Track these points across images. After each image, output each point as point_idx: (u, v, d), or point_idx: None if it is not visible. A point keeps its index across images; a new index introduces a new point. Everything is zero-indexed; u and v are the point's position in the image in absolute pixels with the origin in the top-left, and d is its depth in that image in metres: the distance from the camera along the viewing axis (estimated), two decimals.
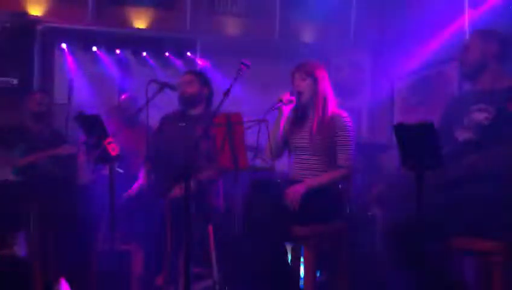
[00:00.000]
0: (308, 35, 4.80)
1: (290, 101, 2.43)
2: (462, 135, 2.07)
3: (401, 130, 1.68)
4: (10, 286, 2.94)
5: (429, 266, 1.86)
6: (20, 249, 3.14)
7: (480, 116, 2.04)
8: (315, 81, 2.44)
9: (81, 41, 4.47)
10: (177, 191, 2.10)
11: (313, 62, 2.52)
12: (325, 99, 2.44)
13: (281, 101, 2.40)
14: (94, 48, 4.52)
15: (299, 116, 2.53)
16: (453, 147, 2.07)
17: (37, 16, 4.22)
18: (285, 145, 2.56)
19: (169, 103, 2.94)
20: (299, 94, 2.45)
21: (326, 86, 2.47)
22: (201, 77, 2.95)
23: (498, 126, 1.98)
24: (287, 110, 2.46)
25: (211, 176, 2.63)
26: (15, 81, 2.85)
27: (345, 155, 2.40)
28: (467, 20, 3.24)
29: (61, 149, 3.26)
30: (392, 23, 4.04)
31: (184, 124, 2.81)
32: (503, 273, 1.81)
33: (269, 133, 2.39)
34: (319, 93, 2.44)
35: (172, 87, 2.76)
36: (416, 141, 1.63)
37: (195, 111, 2.86)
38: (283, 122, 2.48)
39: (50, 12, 4.25)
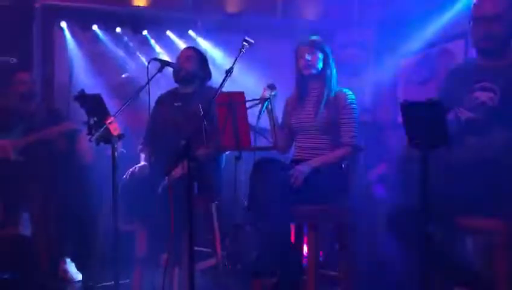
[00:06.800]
0: (311, 13, 4.71)
1: (273, 95, 2.37)
2: (464, 114, 1.94)
3: (408, 107, 1.64)
4: (16, 265, 2.97)
5: (433, 247, 1.84)
6: (24, 228, 3.16)
7: (484, 95, 1.93)
8: (326, 56, 2.44)
9: (81, 19, 4.41)
10: (178, 171, 2.09)
11: (321, 38, 2.49)
12: (332, 76, 2.44)
13: (266, 98, 2.34)
14: (94, 27, 4.46)
15: (301, 96, 2.50)
16: (455, 126, 2.01)
17: None
18: (290, 132, 2.55)
19: (171, 81, 2.90)
20: (307, 68, 2.41)
21: (332, 63, 2.46)
22: (200, 54, 2.90)
23: (503, 107, 1.87)
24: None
25: (208, 154, 2.60)
26: (14, 60, 2.80)
27: (349, 133, 2.39)
28: None
29: (61, 127, 3.20)
30: (396, 1, 3.96)
31: (180, 104, 2.78)
32: (505, 253, 1.80)
33: (272, 124, 2.39)
34: (328, 69, 2.44)
35: (173, 66, 2.73)
36: (423, 119, 1.59)
37: (189, 89, 2.82)
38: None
39: None
